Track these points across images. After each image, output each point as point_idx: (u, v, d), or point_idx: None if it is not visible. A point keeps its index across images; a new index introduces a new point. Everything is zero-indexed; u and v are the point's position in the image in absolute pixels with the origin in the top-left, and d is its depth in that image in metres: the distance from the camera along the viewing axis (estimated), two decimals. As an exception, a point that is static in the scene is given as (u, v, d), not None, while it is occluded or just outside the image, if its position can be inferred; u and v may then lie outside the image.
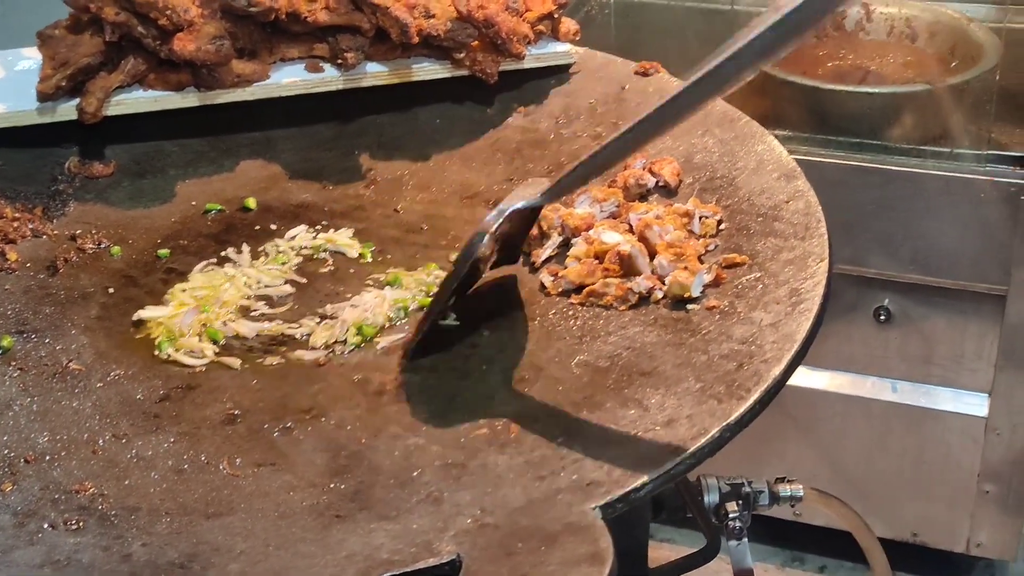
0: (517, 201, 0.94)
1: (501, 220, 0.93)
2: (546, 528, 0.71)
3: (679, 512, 1.17)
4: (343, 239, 1.09)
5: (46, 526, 0.75)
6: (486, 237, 0.92)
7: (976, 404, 1.78)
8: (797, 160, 1.08)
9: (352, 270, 1.06)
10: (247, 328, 0.98)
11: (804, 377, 1.83)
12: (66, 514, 0.76)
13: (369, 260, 1.07)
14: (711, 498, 1.15)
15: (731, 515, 1.14)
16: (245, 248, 1.09)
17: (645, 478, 0.75)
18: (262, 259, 1.08)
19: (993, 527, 1.84)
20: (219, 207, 1.14)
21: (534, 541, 0.70)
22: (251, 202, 1.14)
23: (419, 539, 0.73)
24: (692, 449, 0.77)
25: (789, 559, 2.04)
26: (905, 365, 1.80)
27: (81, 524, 0.76)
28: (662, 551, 1.30)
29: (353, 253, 1.08)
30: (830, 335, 1.80)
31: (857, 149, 1.69)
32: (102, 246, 1.08)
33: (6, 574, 0.70)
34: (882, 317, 1.77)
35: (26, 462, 0.82)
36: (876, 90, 1.74)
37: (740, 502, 1.15)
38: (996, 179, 1.62)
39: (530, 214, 0.99)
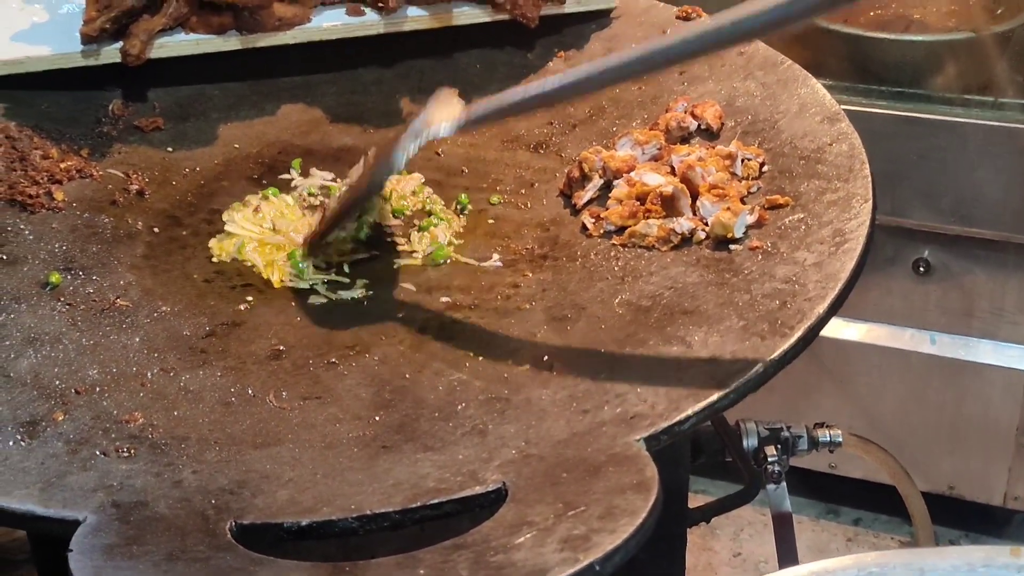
0: (439, 129, 0.94)
1: (420, 146, 0.94)
2: (591, 459, 0.72)
3: (717, 456, 1.18)
4: None
5: (98, 453, 0.76)
6: (404, 161, 0.94)
7: (1016, 357, 1.76)
8: (836, 110, 1.08)
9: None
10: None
11: (842, 329, 1.83)
12: (117, 442, 0.78)
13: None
14: (750, 442, 1.16)
15: (770, 459, 1.15)
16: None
17: (689, 411, 0.75)
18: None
19: (1031, 480, 1.83)
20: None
21: (579, 471, 0.71)
22: (296, 163, 1.14)
23: (465, 469, 0.73)
24: (736, 384, 0.77)
25: (824, 512, 2.04)
26: (944, 318, 1.79)
27: (132, 452, 0.77)
28: (696, 501, 1.31)
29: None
30: (869, 287, 1.79)
31: (899, 98, 1.67)
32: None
33: (61, 497, 0.71)
34: (921, 269, 1.75)
35: (77, 393, 0.83)
36: (919, 38, 1.72)
37: (779, 446, 1.15)
38: (1040, 129, 1.60)
39: None
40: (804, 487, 1.99)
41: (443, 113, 0.95)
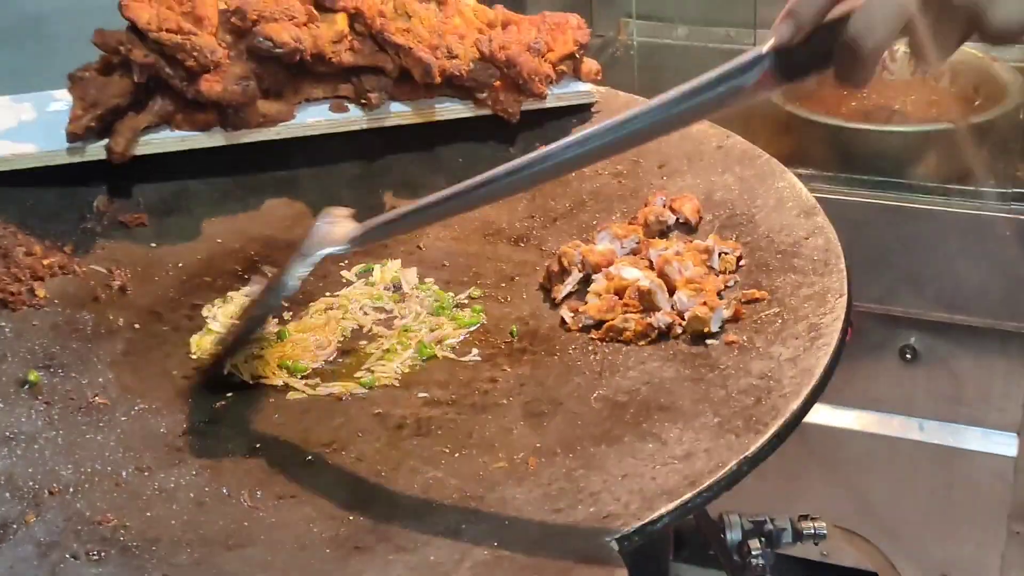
0: (327, 246, 0.95)
1: (312, 268, 0.95)
2: (563, 560, 0.72)
3: (701, 550, 1.17)
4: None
5: (68, 557, 0.76)
6: (297, 284, 0.95)
7: (1005, 444, 1.76)
8: (821, 198, 1.08)
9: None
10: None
11: (830, 416, 1.82)
12: (88, 545, 0.77)
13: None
14: (733, 536, 1.15)
15: (754, 553, 1.14)
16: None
17: (662, 510, 0.75)
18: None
19: (1024, 568, 1.81)
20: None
21: (551, 572, 0.70)
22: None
23: (437, 571, 0.73)
24: (709, 482, 0.77)
25: (816, 601, 2.01)
26: (932, 404, 1.78)
27: (103, 555, 0.76)
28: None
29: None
30: (856, 374, 1.79)
31: (881, 187, 1.69)
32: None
33: (27, 603, 0.71)
34: (908, 356, 1.76)
35: (50, 494, 0.83)
36: (901, 129, 1.74)
37: (763, 540, 1.14)
38: (1021, 217, 1.61)
39: None
40: (795, 575, 1.96)
41: (333, 233, 0.96)
